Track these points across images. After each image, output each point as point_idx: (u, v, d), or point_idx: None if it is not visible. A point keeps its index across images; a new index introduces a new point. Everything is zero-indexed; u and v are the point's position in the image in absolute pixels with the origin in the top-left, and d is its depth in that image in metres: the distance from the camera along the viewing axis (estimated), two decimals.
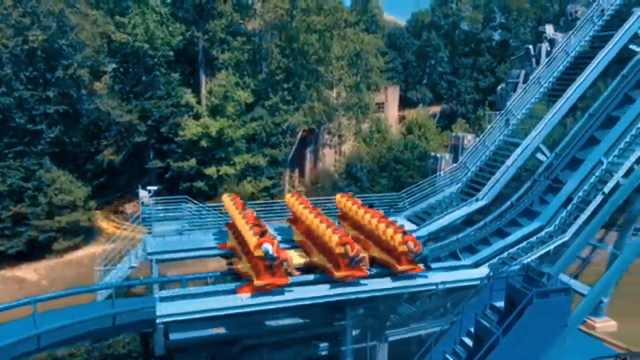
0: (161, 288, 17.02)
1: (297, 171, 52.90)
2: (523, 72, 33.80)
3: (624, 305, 24.06)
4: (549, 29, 35.04)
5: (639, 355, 20.78)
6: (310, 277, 16.40)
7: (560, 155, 21.61)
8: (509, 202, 21.63)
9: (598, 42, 23.46)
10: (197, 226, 21.05)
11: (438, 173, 26.82)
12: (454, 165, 25.72)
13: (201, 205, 23.12)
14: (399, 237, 16.27)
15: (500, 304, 14.64)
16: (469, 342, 14.55)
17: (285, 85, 46.05)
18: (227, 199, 20.25)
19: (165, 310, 14.84)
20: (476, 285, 15.94)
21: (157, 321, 14.71)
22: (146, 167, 46.05)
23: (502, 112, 24.72)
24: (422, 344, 15.47)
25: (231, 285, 16.34)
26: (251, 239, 15.63)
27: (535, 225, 19.08)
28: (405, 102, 67.90)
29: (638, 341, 22.66)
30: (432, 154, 35.28)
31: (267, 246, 15.14)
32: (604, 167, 19.27)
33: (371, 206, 19.47)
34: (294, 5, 45.57)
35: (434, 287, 16.79)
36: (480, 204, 21.99)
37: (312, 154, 52.93)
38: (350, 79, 49.68)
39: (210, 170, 44.45)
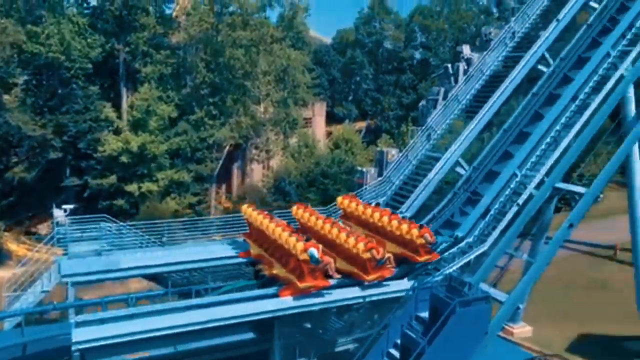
0: (77, 312, 15.99)
1: (224, 187, 52.08)
2: (443, 89, 35.22)
3: (537, 310, 25.44)
4: (466, 49, 36.81)
5: (552, 357, 21.99)
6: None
7: (478, 169, 22.59)
8: (431, 214, 22.30)
9: (510, 62, 24.88)
10: (117, 246, 20.04)
11: (364, 187, 27.21)
12: (379, 179, 26.23)
13: (122, 224, 22.09)
14: (415, 231, 17.39)
15: (425, 314, 14.97)
16: (396, 353, 14.73)
17: (211, 100, 45.40)
18: (248, 210, 20.10)
19: (81, 336, 13.92)
20: (402, 297, 16.21)
21: (73, 348, 13.79)
22: (62, 185, 43.62)
23: (424, 127, 25.56)
24: (350, 358, 15.49)
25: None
26: (297, 244, 16.26)
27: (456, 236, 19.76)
28: (332, 118, 68.92)
29: (550, 344, 24.06)
30: (359, 168, 35.85)
31: (313, 250, 16.03)
32: (517, 179, 20.32)
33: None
34: (219, 19, 45.21)
35: (360, 300, 16.92)
36: (405, 216, 22.49)
37: (240, 170, 52.37)
38: (278, 94, 49.79)
39: (132, 187, 42.82)
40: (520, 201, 18.89)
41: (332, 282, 16.46)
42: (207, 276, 19.13)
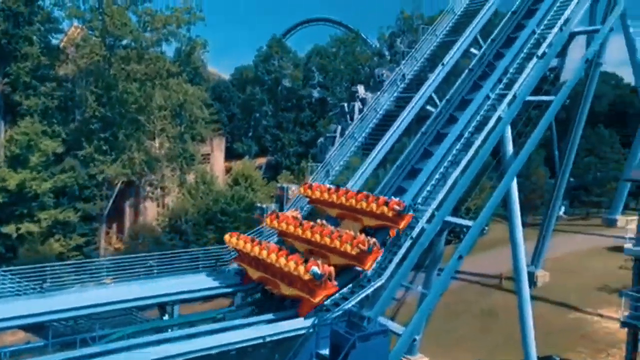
0: None
1: (114, 226, 49.22)
2: (340, 127, 36.46)
3: (433, 340, 26.31)
4: (361, 89, 38.59)
5: None
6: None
7: None
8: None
9: (402, 102, 26.22)
10: None
11: (264, 224, 26.96)
12: None
13: None
14: (384, 207, 19.62)
15: (326, 351, 14.84)
16: None
17: (102, 135, 43.16)
18: (232, 240, 20.87)
19: None
20: (302, 335, 15.98)
21: None
22: None
23: (323, 163, 26.01)
24: None
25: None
26: (299, 268, 17.48)
27: (355, 270, 20.01)
28: (231, 154, 68.30)
29: None
30: (259, 204, 35.60)
31: (315, 269, 17.17)
32: None
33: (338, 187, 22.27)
34: (112, 52, 43.54)
35: (260, 340, 16.44)
36: None
37: (132, 208, 49.88)
38: (174, 129, 48.50)
39: (9, 229, 39.14)
40: (414, 234, 19.59)
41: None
42: (95, 324, 17.69)
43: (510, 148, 22.88)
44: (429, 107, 25.03)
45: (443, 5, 29.04)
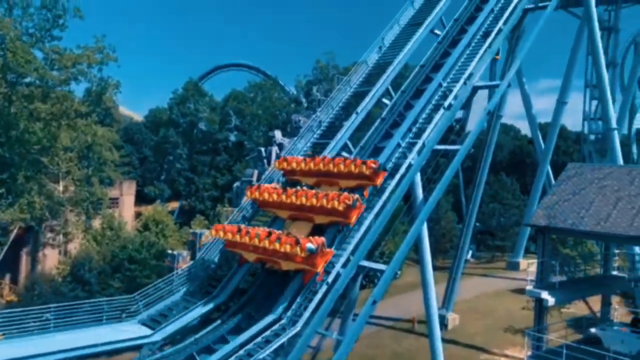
0: None
1: (8, 277, 45.11)
2: (256, 171, 36.13)
3: None
4: (278, 134, 38.73)
5: None
6: None
7: None
8: (245, 297, 21.81)
9: (318, 148, 26.58)
10: None
11: (175, 271, 25.80)
12: (192, 262, 25.16)
13: None
14: (363, 166, 21.23)
15: None
16: None
17: None
18: (219, 233, 22.01)
19: None
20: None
21: None
22: None
23: (238, 208, 25.54)
24: None
25: None
26: (295, 249, 19.02)
27: (270, 318, 19.50)
28: (142, 198, 65.68)
29: None
30: (170, 251, 34.14)
31: (309, 246, 18.86)
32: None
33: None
34: (13, 89, 40.94)
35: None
36: (218, 300, 21.68)
37: (30, 256, 46.08)
38: (81, 171, 45.92)
39: None
40: (330, 279, 19.51)
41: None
42: None
43: (420, 193, 23.72)
44: (344, 154, 25.51)
45: (357, 57, 30.24)
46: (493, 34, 25.47)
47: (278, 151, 35.13)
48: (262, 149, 37.37)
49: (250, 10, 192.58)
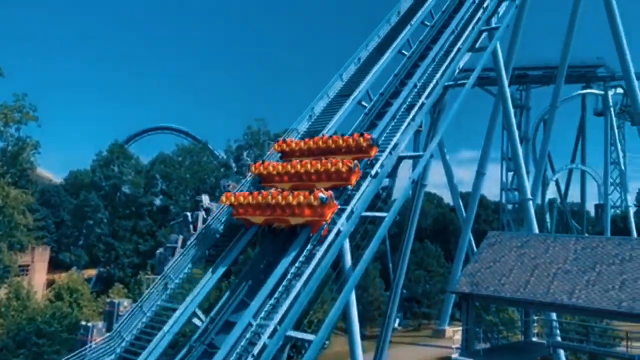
0: None
1: None
2: (181, 237, 34.90)
3: None
4: (206, 199, 37.92)
5: None
6: None
7: (215, 319, 22.01)
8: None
9: None
10: None
11: (89, 345, 23.91)
12: (108, 334, 23.41)
13: None
14: (360, 139, 23.26)
15: None
16: None
17: None
18: (230, 199, 23.43)
19: None
20: None
21: None
22: None
23: (161, 276, 24.36)
24: None
25: None
26: (309, 198, 21.09)
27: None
28: (57, 265, 61.48)
29: None
30: (83, 323, 31.69)
31: (322, 195, 20.91)
32: (253, 329, 20.32)
33: None
34: None
35: None
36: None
37: None
38: None
39: None
40: (255, 351, 18.70)
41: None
42: None
43: (349, 260, 23.71)
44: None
45: (287, 124, 30.75)
46: (416, 108, 26.78)
47: (205, 216, 34.32)
48: (189, 214, 36.37)
49: (183, 74, 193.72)
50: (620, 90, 67.33)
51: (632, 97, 44.01)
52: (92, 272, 64.12)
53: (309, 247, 22.53)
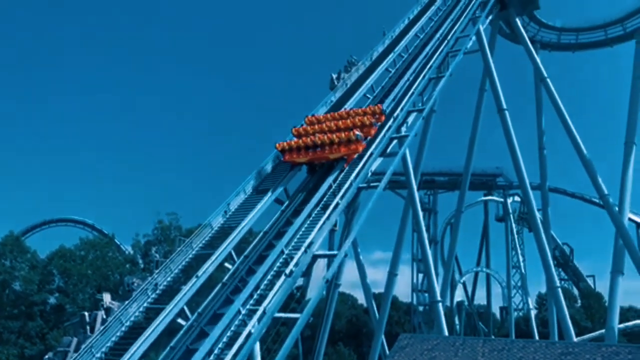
0: None
1: None
2: (76, 339, 31.71)
3: None
4: (107, 297, 35.16)
5: None
6: None
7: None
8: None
9: (152, 314, 24.49)
10: None
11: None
12: None
13: None
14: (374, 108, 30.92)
15: None
16: None
17: None
18: (283, 145, 29.34)
19: None
20: None
21: None
22: None
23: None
24: None
25: None
26: (349, 135, 27.71)
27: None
28: None
29: None
30: None
31: (358, 133, 27.76)
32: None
33: None
34: None
35: None
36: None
37: None
38: None
39: None
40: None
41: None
42: None
43: None
44: (180, 320, 23.80)
45: (201, 219, 30.08)
46: (331, 207, 27.29)
47: (105, 316, 31.71)
48: (87, 314, 33.43)
49: (92, 166, 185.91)
50: (517, 199, 72.97)
51: (528, 206, 47.63)
52: None
53: (216, 350, 21.37)
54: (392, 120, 32.22)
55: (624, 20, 53.74)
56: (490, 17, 48.10)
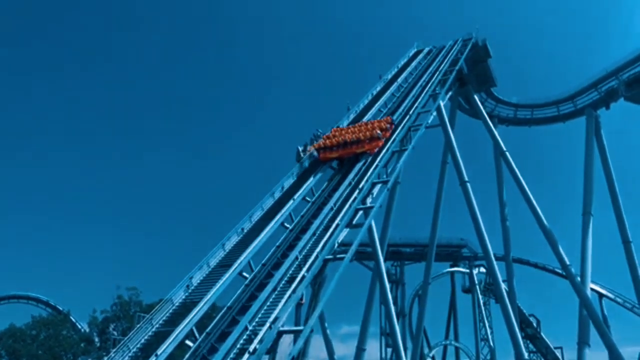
0: None
1: None
2: None
3: None
4: None
5: None
6: None
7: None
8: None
9: None
10: None
11: None
12: None
13: None
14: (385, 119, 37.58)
15: None
16: None
17: None
18: (315, 146, 35.64)
19: None
20: None
21: None
22: None
23: None
24: None
25: None
26: (372, 132, 34.68)
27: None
28: None
29: None
30: None
31: (378, 131, 34.47)
32: None
33: None
34: None
35: None
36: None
37: None
38: None
39: None
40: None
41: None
42: None
43: None
44: None
45: (163, 294, 29.00)
46: (297, 280, 26.75)
47: None
48: None
49: (42, 237, 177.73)
50: (483, 270, 73.32)
51: (493, 277, 47.76)
52: None
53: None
54: (357, 191, 32.51)
55: (574, 97, 56.72)
56: (449, 94, 50.20)
